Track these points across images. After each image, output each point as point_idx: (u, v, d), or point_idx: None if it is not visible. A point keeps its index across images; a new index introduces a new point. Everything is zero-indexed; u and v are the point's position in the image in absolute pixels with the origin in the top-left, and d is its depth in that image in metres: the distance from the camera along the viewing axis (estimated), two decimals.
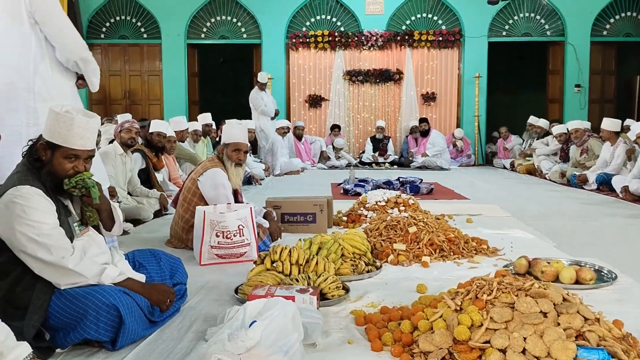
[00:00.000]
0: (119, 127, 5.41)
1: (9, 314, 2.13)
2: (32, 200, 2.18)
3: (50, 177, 2.29)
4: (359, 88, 11.89)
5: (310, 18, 11.89)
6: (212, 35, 12.01)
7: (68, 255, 2.20)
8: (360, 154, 11.52)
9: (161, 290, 2.43)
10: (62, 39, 3.09)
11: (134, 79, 12.23)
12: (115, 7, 11.92)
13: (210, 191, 3.97)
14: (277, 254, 3.01)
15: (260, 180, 8.14)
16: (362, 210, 5.00)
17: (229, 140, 4.05)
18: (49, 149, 2.30)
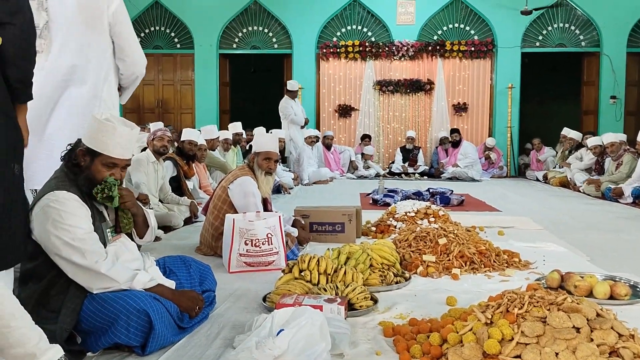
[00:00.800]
0: (152, 135, 5.50)
1: (42, 316, 2.17)
2: (68, 205, 2.23)
3: (87, 183, 2.33)
4: (389, 98, 11.86)
5: (341, 28, 11.93)
6: (244, 45, 12.14)
7: (101, 259, 2.24)
8: (389, 164, 11.47)
9: (190, 297, 2.45)
10: (133, 54, 3.19)
11: (166, 88, 12.44)
12: (150, 18, 12.15)
13: (240, 199, 4.00)
14: (305, 263, 3.01)
15: (289, 189, 8.16)
16: (391, 220, 4.96)
17: (260, 149, 4.09)
18: (89, 155, 2.34)
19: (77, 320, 2.22)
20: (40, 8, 3.04)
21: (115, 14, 3.12)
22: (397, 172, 10.99)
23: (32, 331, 1.68)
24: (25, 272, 2.29)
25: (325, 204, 5.90)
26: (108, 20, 3.11)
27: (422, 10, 11.72)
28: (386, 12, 11.75)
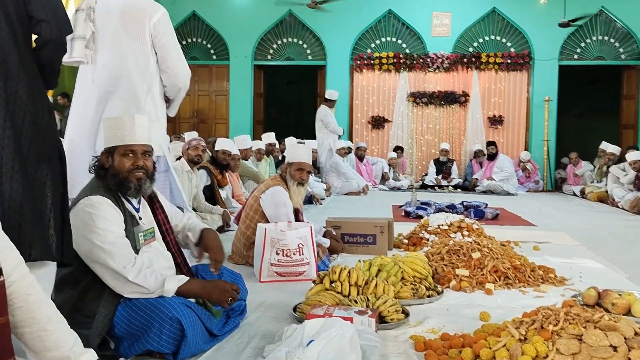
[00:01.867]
0: (186, 145, 5.58)
1: (77, 321, 2.19)
2: (100, 209, 2.29)
3: (114, 179, 2.39)
4: (423, 110, 11.80)
5: (376, 40, 11.94)
6: (278, 56, 12.25)
7: (129, 265, 2.26)
8: (422, 177, 11.38)
9: (222, 290, 2.43)
10: (176, 66, 3.22)
11: (202, 99, 12.62)
12: (187, 30, 12.38)
13: (271, 209, 4.02)
14: (336, 274, 3.00)
15: (321, 199, 8.17)
16: (423, 233, 4.91)
17: (293, 159, 4.12)
18: (108, 154, 2.44)
19: (110, 326, 2.25)
20: (88, 19, 3.11)
21: (156, 26, 3.15)
22: (430, 185, 10.90)
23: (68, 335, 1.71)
24: (61, 277, 2.32)
25: (357, 215, 5.88)
26: (150, 32, 3.15)
27: (457, 22, 11.66)
28: (421, 24, 11.72)
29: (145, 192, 2.49)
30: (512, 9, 11.53)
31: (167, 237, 2.61)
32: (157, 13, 3.18)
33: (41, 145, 1.92)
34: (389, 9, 11.75)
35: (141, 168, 2.41)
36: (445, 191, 10.51)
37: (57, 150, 2.00)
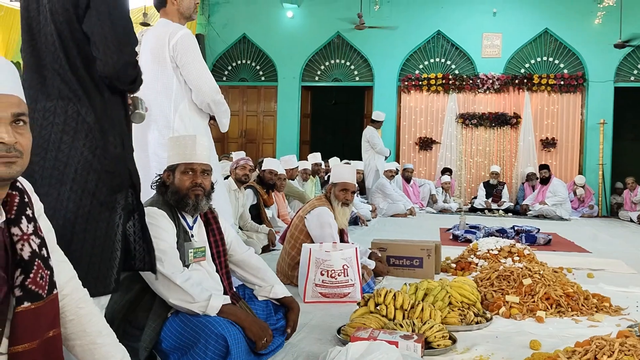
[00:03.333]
0: (234, 164, 5.65)
1: (128, 333, 2.28)
2: (156, 219, 2.38)
3: (174, 195, 2.49)
4: (473, 131, 11.63)
5: (424, 61, 11.89)
6: (326, 77, 12.34)
7: (178, 272, 2.31)
8: (472, 200, 11.17)
9: (262, 326, 2.43)
10: (198, 82, 3.27)
11: (250, 119, 12.82)
12: (237, 52, 12.64)
13: (316, 229, 4.01)
14: (381, 297, 2.95)
15: (366, 221, 8.11)
16: (472, 257, 4.80)
17: (337, 179, 4.11)
18: (170, 171, 2.54)
19: (157, 340, 2.28)
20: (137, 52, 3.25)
21: (175, 46, 3.23)
22: (479, 208, 10.68)
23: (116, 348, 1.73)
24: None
25: (403, 237, 5.80)
26: (170, 53, 3.23)
27: (508, 43, 11.51)
28: (471, 45, 11.62)
29: (202, 209, 2.56)
30: (565, 30, 11.30)
31: (217, 259, 2.65)
32: (176, 35, 3.25)
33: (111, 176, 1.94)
34: (438, 30, 11.70)
35: (199, 186, 2.49)
36: (495, 215, 10.27)
37: (129, 179, 2.02)
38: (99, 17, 1.88)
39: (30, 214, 1.49)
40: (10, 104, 1.36)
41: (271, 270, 2.83)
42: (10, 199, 1.45)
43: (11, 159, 1.36)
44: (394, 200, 9.52)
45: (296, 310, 2.71)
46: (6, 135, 1.34)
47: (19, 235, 1.44)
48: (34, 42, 1.94)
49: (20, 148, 1.38)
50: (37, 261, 1.46)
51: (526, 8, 11.43)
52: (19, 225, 1.44)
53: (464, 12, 11.60)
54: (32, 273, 1.44)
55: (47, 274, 1.49)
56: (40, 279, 1.46)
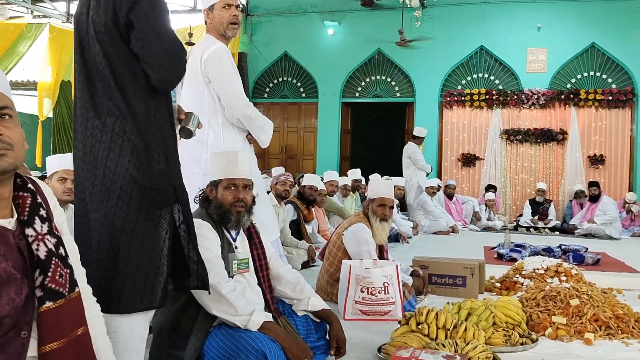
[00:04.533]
0: (275, 180, 5.66)
1: (174, 342, 2.33)
2: (201, 229, 2.41)
3: (217, 210, 2.54)
4: (518, 148, 11.39)
5: (467, 76, 11.76)
6: (366, 93, 12.33)
7: (223, 281, 2.34)
8: (517, 217, 10.90)
9: (302, 347, 2.39)
10: (227, 97, 3.32)
11: (290, 135, 12.90)
12: (278, 70, 12.78)
13: (353, 246, 3.98)
14: (423, 316, 2.87)
15: (407, 238, 7.99)
16: (517, 277, 4.67)
17: (374, 195, 4.07)
18: (213, 186, 2.59)
19: (201, 351, 2.31)
20: None
21: (206, 62, 3.28)
22: (525, 226, 10.41)
23: None
24: None
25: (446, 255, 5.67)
26: (202, 68, 3.29)
27: (554, 57, 11.27)
28: (515, 60, 11.44)
29: (243, 225, 2.60)
30: (613, 44, 10.99)
31: (260, 272, 2.67)
32: (209, 50, 3.29)
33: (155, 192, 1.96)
34: (481, 45, 11.57)
35: (241, 201, 2.54)
36: (541, 233, 9.98)
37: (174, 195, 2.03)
38: (146, 37, 1.91)
39: (44, 214, 1.50)
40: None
41: (309, 285, 2.81)
42: (21, 201, 1.47)
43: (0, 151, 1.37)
44: (435, 217, 9.37)
45: (336, 325, 2.65)
46: None
47: (33, 235, 1.45)
48: (83, 61, 1.99)
49: (7, 140, 1.39)
50: (54, 260, 1.47)
51: (572, 22, 11.19)
52: (32, 226, 1.46)
53: (507, 27, 11.45)
54: (51, 272, 1.45)
55: (67, 272, 1.51)
56: (60, 277, 1.47)
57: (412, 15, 11.48)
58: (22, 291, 1.41)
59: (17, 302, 1.39)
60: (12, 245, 1.42)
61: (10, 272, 1.38)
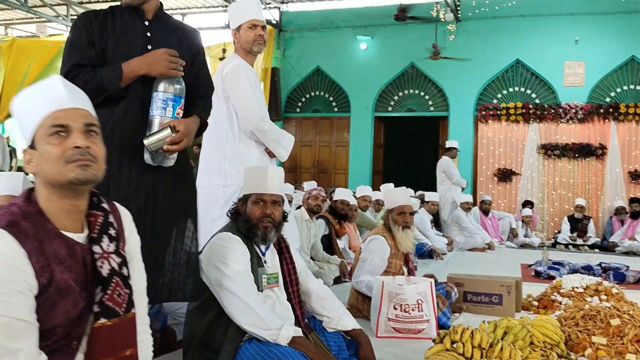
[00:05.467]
0: (307, 194, 5.65)
1: (204, 356, 2.35)
2: (231, 242, 2.45)
3: (245, 224, 2.55)
4: (555, 163, 11.15)
5: (502, 90, 11.61)
6: (399, 108, 12.28)
7: (253, 295, 2.35)
8: (555, 234, 10.65)
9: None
10: (240, 110, 3.39)
11: (322, 149, 12.92)
12: (311, 84, 12.86)
13: (363, 252, 4.00)
14: (458, 334, 2.79)
15: (442, 254, 7.85)
16: (555, 295, 4.55)
17: (392, 205, 4.06)
18: (243, 201, 2.62)
19: None
20: None
21: (225, 77, 3.38)
22: (563, 243, 10.15)
23: None
24: (191, 309, 2.51)
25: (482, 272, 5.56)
26: (220, 84, 3.37)
27: (592, 71, 11.04)
28: (552, 74, 11.25)
29: (270, 240, 2.60)
30: None
31: (289, 288, 2.66)
32: (228, 66, 3.40)
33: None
34: (517, 58, 11.43)
35: (269, 217, 2.54)
36: (580, 251, 9.73)
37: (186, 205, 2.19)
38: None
39: (114, 234, 1.58)
40: (81, 116, 1.50)
41: (339, 301, 2.77)
42: (94, 219, 1.55)
43: (85, 162, 1.46)
44: (471, 233, 9.20)
45: (366, 346, 2.62)
46: (79, 140, 1.47)
47: (99, 252, 1.53)
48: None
49: (93, 153, 1.49)
50: (115, 279, 1.54)
51: (610, 35, 10.95)
52: (100, 243, 1.53)
53: (544, 40, 11.28)
54: (110, 290, 1.52)
55: (126, 292, 1.57)
56: (118, 297, 1.54)
57: (446, 29, 11.42)
58: (78, 304, 1.47)
59: (71, 314, 1.45)
60: (78, 259, 1.49)
61: (70, 284, 1.44)
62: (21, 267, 1.37)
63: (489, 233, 9.88)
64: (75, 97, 1.54)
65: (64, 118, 1.47)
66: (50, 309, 1.41)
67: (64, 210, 1.49)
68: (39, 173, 1.48)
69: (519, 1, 11.28)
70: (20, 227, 1.40)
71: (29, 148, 1.50)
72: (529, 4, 11.32)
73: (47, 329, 1.42)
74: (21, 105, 1.52)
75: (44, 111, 1.47)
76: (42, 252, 1.41)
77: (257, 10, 3.46)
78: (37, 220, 1.44)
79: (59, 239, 1.46)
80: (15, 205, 1.46)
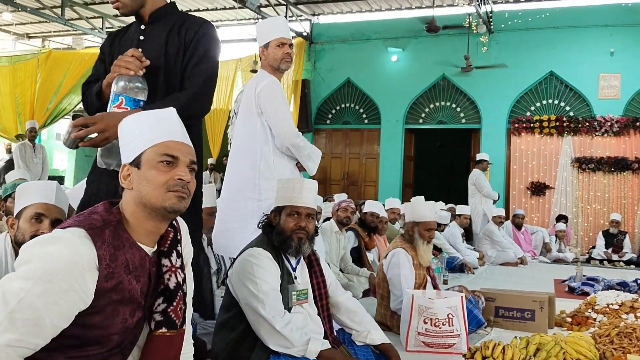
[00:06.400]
0: (336, 206, 5.64)
1: None
2: (261, 260, 2.45)
3: (279, 237, 2.56)
4: (590, 176, 10.92)
5: (536, 102, 11.45)
6: (430, 120, 12.21)
7: (278, 316, 2.34)
8: (589, 249, 10.40)
9: None
10: (277, 127, 3.40)
11: (352, 161, 12.90)
12: (341, 96, 12.88)
13: (388, 271, 3.96)
14: (489, 350, 2.76)
15: (473, 269, 7.75)
16: (589, 312, 4.45)
17: (419, 218, 3.99)
18: (277, 212, 2.62)
19: None
20: (235, 102, 3.52)
21: (259, 94, 3.40)
22: (598, 259, 9.91)
23: None
24: (221, 322, 2.52)
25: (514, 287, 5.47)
26: (255, 100, 3.41)
27: (628, 83, 10.81)
28: (587, 86, 11.05)
29: (304, 253, 2.61)
30: None
31: (319, 301, 2.66)
32: (262, 83, 3.42)
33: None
34: (551, 70, 11.27)
35: (303, 229, 2.55)
36: (615, 266, 9.47)
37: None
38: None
39: (180, 250, 1.66)
40: (189, 152, 1.62)
41: (369, 315, 2.76)
42: (166, 234, 1.63)
43: (183, 194, 1.56)
44: (503, 247, 9.05)
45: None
46: (184, 174, 1.57)
47: (167, 266, 1.60)
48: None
49: (190, 188, 1.59)
50: (179, 293, 1.61)
51: None
52: (169, 257, 1.61)
53: (578, 52, 11.11)
54: (175, 302, 1.59)
55: (184, 308, 1.63)
56: (179, 310, 1.60)
57: (478, 41, 11.34)
58: (136, 314, 1.52)
59: (129, 322, 1.50)
60: (145, 270, 1.55)
61: (134, 294, 1.50)
62: (84, 268, 1.40)
63: (522, 247, 9.70)
64: (186, 134, 1.65)
65: (176, 150, 1.57)
66: (110, 315, 1.46)
67: (147, 230, 1.57)
68: (137, 191, 1.54)
69: (552, 13, 11.15)
70: (98, 232, 1.46)
71: (130, 164, 1.57)
72: (563, 16, 11.18)
73: (104, 336, 1.46)
74: (134, 125, 1.60)
75: (159, 138, 1.57)
76: (114, 259, 1.46)
77: (284, 29, 3.51)
78: (116, 229, 1.51)
79: (133, 248, 1.53)
80: (96, 214, 1.52)
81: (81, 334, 1.43)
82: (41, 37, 15.37)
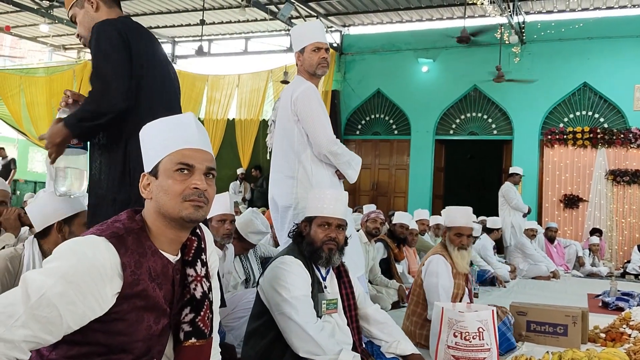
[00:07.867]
0: (365, 217, 5.64)
1: None
2: (292, 267, 2.46)
3: (309, 247, 2.57)
4: (625, 189, 10.69)
5: (569, 114, 11.28)
6: (461, 131, 12.12)
7: (312, 322, 2.35)
8: (624, 264, 10.15)
9: None
10: (314, 134, 3.39)
11: (382, 172, 12.87)
12: (371, 107, 12.88)
13: (425, 279, 3.90)
14: None
15: (504, 282, 7.63)
16: (624, 328, 4.34)
17: (451, 224, 3.96)
18: (307, 222, 2.63)
19: None
20: (274, 111, 3.56)
21: (295, 102, 3.37)
22: (633, 274, 9.65)
23: None
24: (251, 330, 2.53)
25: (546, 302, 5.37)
26: (292, 108, 3.38)
27: None
28: (621, 97, 10.85)
29: (334, 264, 2.61)
30: None
31: (348, 312, 2.66)
32: (298, 89, 3.39)
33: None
34: (584, 81, 11.10)
35: (334, 240, 2.55)
36: None
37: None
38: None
39: (204, 259, 1.66)
40: (205, 159, 1.59)
41: (397, 326, 2.74)
42: (189, 243, 1.64)
43: (199, 203, 1.55)
44: (535, 261, 8.90)
45: None
46: (200, 182, 1.55)
47: (193, 276, 1.61)
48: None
49: (208, 196, 1.58)
50: (206, 302, 1.61)
51: None
52: (194, 267, 1.62)
53: (612, 62, 10.92)
54: (202, 312, 1.60)
55: (211, 317, 1.64)
56: (207, 319, 1.61)
57: (510, 52, 11.24)
58: (161, 321, 1.53)
59: (153, 329, 1.51)
60: (169, 278, 1.57)
61: (157, 300, 1.51)
62: (106, 274, 1.42)
63: (554, 261, 9.52)
64: (204, 138, 1.63)
65: (191, 158, 1.56)
66: (135, 322, 1.47)
67: (168, 238, 1.58)
68: (155, 201, 1.56)
69: (586, 24, 10.99)
70: (122, 240, 1.48)
71: (149, 174, 1.58)
72: (597, 26, 11.01)
73: (128, 342, 1.47)
74: (152, 133, 1.61)
75: (175, 146, 1.56)
76: (139, 266, 1.48)
77: (320, 33, 3.47)
78: (139, 237, 1.53)
79: (155, 256, 1.54)
80: (119, 222, 1.54)
81: (105, 341, 1.45)
82: (77, 49, 15.76)
